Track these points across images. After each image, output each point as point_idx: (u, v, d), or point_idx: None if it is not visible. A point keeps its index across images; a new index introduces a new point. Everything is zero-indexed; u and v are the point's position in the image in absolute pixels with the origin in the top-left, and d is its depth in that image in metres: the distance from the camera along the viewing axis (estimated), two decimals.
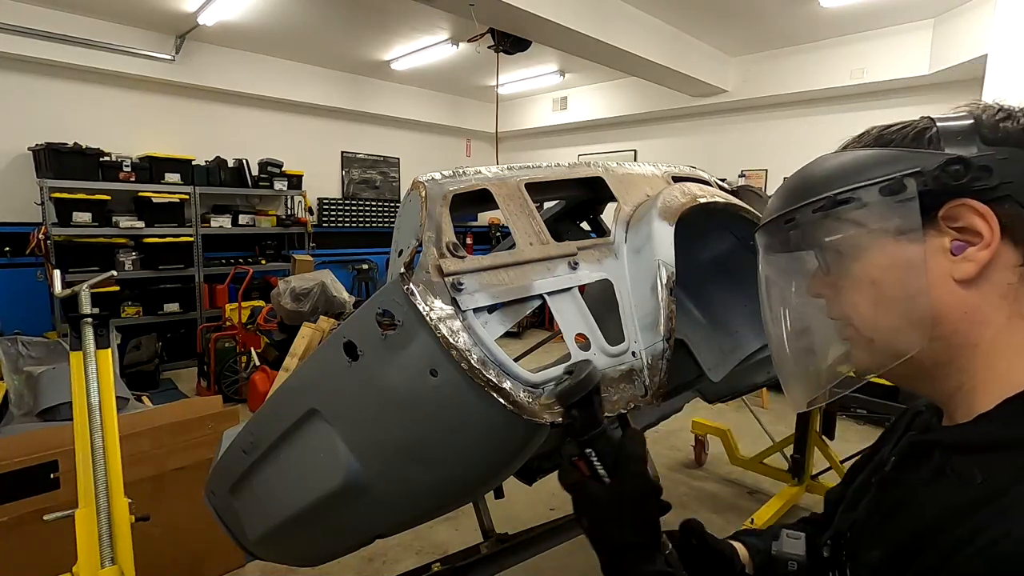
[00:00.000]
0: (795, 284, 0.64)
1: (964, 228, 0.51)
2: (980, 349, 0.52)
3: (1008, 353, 0.52)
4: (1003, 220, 0.50)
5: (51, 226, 5.03)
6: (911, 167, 0.53)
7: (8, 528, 1.98)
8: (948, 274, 0.52)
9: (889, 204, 0.53)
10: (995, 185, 0.49)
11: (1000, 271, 0.51)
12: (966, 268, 0.51)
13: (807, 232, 0.60)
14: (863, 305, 0.56)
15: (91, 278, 1.77)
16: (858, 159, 0.58)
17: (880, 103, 5.67)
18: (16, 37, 4.91)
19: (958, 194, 0.51)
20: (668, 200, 1.20)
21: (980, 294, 0.51)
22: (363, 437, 1.08)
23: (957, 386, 0.54)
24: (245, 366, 4.91)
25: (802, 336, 0.66)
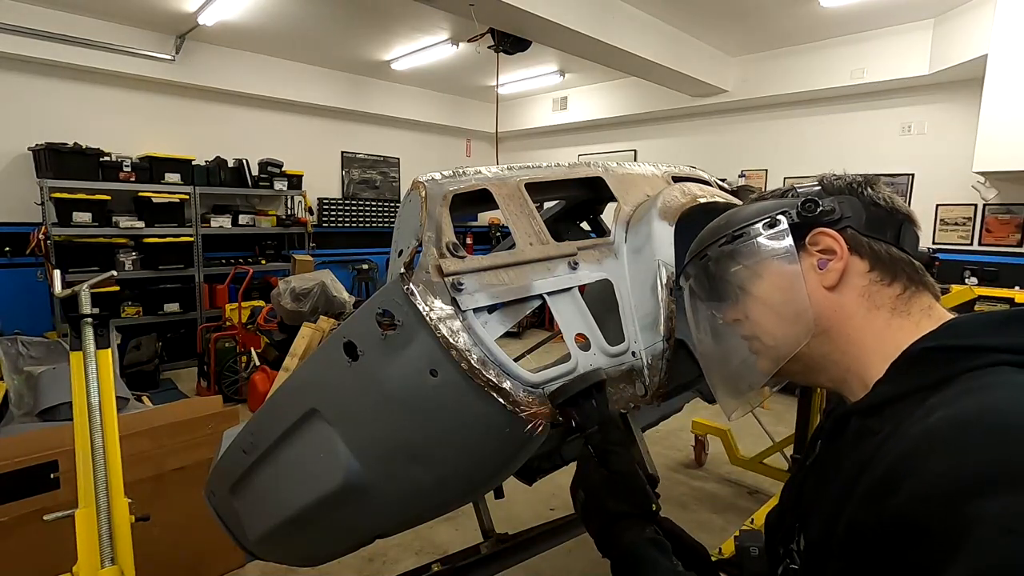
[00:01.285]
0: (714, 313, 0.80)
1: (824, 249, 0.70)
2: (852, 336, 0.69)
3: (872, 335, 0.68)
4: (849, 241, 0.70)
5: (51, 226, 5.02)
6: (782, 208, 0.74)
7: (8, 528, 1.98)
8: (819, 283, 0.70)
9: (770, 236, 0.73)
10: (839, 218, 0.71)
11: (855, 277, 0.69)
12: (830, 277, 0.69)
13: (718, 263, 0.78)
14: (764, 317, 0.73)
15: (91, 278, 1.77)
16: (747, 210, 0.79)
17: (880, 103, 5.67)
18: (16, 37, 4.91)
19: (816, 225, 0.71)
20: (668, 200, 1.20)
21: (844, 296, 0.69)
22: (363, 437, 1.08)
23: (845, 369, 0.70)
24: (245, 366, 4.91)
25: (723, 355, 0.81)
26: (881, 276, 0.69)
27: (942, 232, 5.46)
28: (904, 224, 0.71)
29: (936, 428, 0.51)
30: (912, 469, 0.50)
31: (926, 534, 0.46)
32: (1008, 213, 5.12)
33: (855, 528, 0.55)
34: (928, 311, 0.68)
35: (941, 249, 5.42)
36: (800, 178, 0.85)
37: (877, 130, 5.73)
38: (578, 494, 0.84)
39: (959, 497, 0.44)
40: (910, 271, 0.69)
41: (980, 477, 0.45)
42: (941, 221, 5.46)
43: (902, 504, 0.49)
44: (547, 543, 2.01)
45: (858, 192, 0.73)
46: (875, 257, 0.69)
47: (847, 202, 0.72)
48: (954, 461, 0.47)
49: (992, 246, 5.21)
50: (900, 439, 0.54)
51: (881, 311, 0.68)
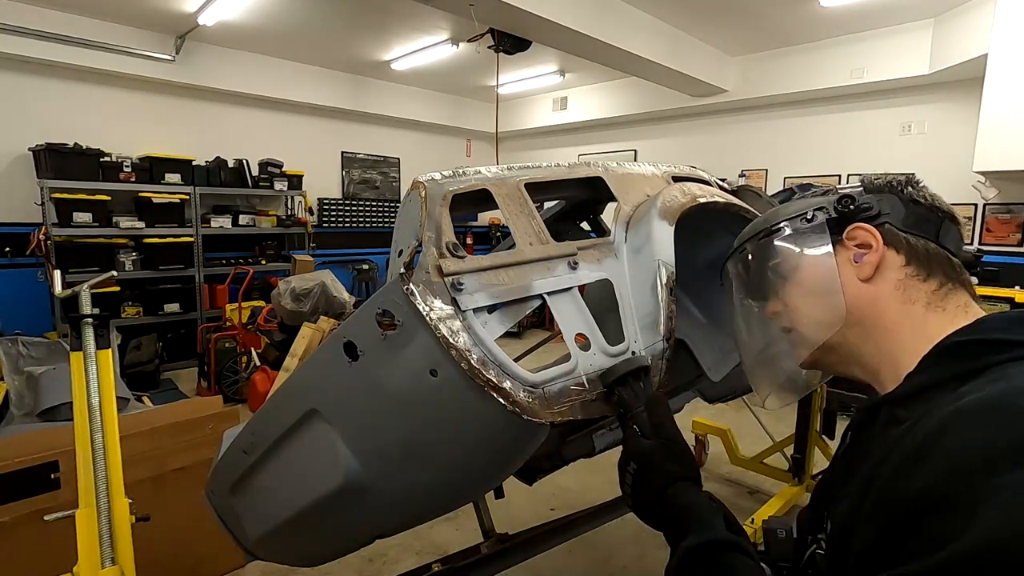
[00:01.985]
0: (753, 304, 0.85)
1: (861, 244, 0.73)
2: (886, 328, 0.71)
3: (907, 328, 0.69)
4: (885, 236, 0.72)
5: (51, 226, 5.03)
6: (820, 205, 0.78)
7: (9, 528, 1.98)
8: (854, 275, 0.73)
9: (807, 230, 0.77)
10: (876, 214, 0.74)
11: (890, 270, 0.71)
12: (865, 269, 0.72)
13: (757, 256, 0.83)
14: (800, 307, 0.77)
15: (91, 278, 1.76)
16: (787, 207, 0.83)
17: (880, 103, 5.68)
18: (16, 37, 4.92)
19: (853, 220, 0.74)
20: (668, 200, 1.20)
21: (879, 288, 0.71)
22: (363, 437, 1.08)
23: (879, 361, 0.72)
24: (245, 366, 4.91)
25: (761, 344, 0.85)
26: (917, 271, 0.70)
27: None
28: (944, 222, 0.73)
29: (964, 409, 0.53)
30: (939, 445, 0.52)
31: (948, 504, 0.48)
32: (1008, 213, 5.12)
33: (882, 503, 0.56)
34: (964, 308, 0.69)
35: None
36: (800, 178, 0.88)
37: (877, 130, 5.73)
38: (628, 467, 0.85)
39: (982, 470, 0.47)
40: (947, 268, 0.70)
41: (1002, 452, 0.47)
42: None
43: (928, 476, 0.51)
44: (547, 543, 2.01)
45: (898, 190, 0.75)
46: (912, 252, 0.71)
47: (886, 199, 0.74)
48: (979, 437, 0.49)
49: (992, 246, 5.21)
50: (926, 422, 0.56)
51: (916, 305, 0.69)
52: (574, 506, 2.78)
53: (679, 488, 0.79)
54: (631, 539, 2.80)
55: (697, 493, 0.78)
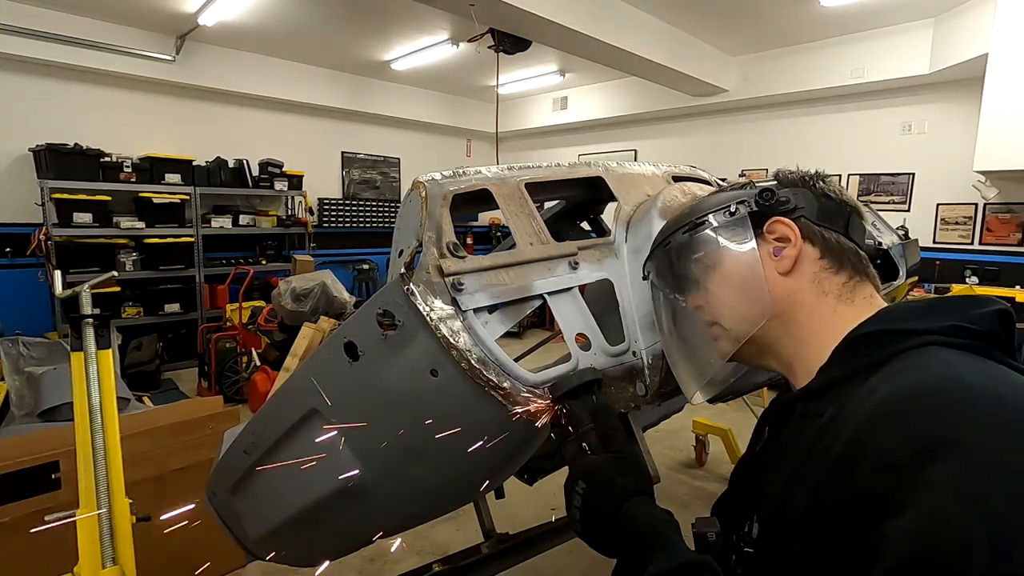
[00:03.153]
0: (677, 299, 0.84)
1: (780, 237, 0.74)
2: (802, 321, 0.73)
3: (820, 320, 0.72)
4: (802, 230, 0.73)
5: (52, 227, 5.03)
6: (741, 199, 0.78)
7: (10, 528, 1.98)
8: (774, 269, 0.73)
9: (729, 223, 0.77)
10: (793, 208, 0.75)
11: (807, 263, 0.73)
12: (785, 263, 0.73)
13: (680, 251, 0.82)
14: (724, 301, 0.77)
15: (92, 279, 1.77)
16: (708, 200, 0.83)
17: (880, 102, 5.67)
18: (16, 38, 4.92)
19: (772, 214, 0.75)
20: (668, 200, 1.20)
21: (797, 281, 0.73)
22: (363, 437, 1.08)
23: (793, 353, 0.74)
24: (246, 366, 4.91)
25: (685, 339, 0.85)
26: (830, 264, 0.73)
27: (943, 231, 5.45)
28: (852, 216, 0.76)
29: (883, 404, 0.55)
30: (867, 445, 0.53)
31: (883, 503, 0.49)
32: (1009, 212, 5.12)
33: (818, 508, 0.57)
34: (870, 300, 0.72)
35: (942, 248, 5.42)
36: None
37: (877, 129, 5.73)
38: (576, 487, 0.78)
39: (911, 466, 0.48)
40: (855, 260, 0.73)
41: (926, 446, 0.49)
42: (942, 220, 5.45)
43: (862, 478, 0.52)
44: (548, 543, 2.01)
45: (810, 184, 0.77)
46: (825, 245, 0.73)
47: (800, 194, 0.76)
48: (902, 434, 0.51)
49: (993, 245, 5.21)
50: (852, 418, 0.57)
51: (828, 297, 0.72)
52: None
53: (634, 505, 0.73)
54: None
55: (655, 509, 0.73)
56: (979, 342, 0.60)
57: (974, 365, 0.57)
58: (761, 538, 0.69)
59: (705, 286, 0.78)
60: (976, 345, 0.59)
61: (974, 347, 0.59)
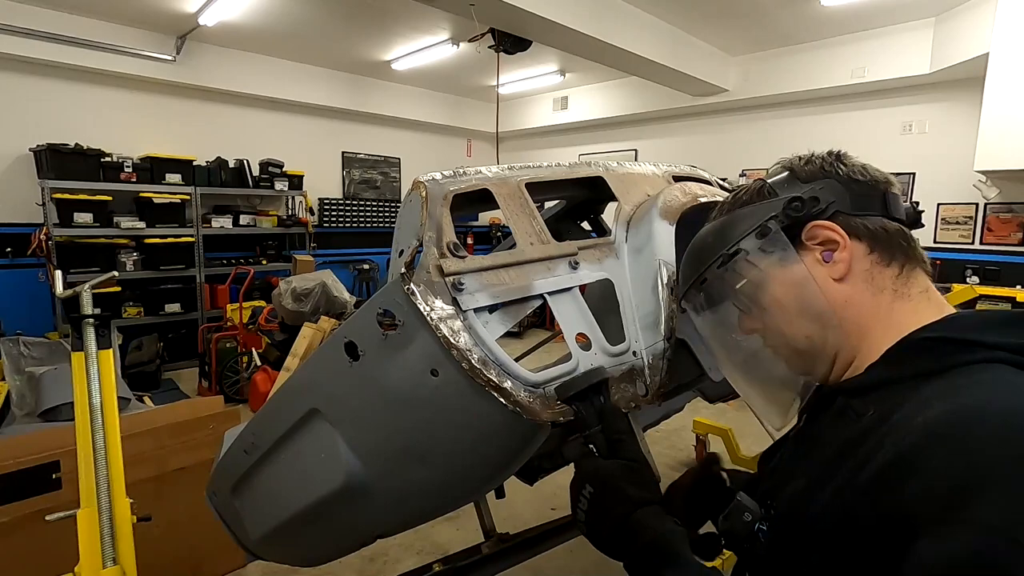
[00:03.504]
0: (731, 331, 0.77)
1: (824, 241, 0.68)
2: (861, 324, 0.67)
3: (878, 320, 0.67)
4: (844, 227, 0.68)
5: (52, 227, 5.03)
6: (769, 213, 0.71)
7: (10, 528, 1.98)
8: (828, 277, 0.68)
9: (765, 244, 0.71)
10: (826, 207, 0.68)
11: (858, 262, 0.67)
12: (839, 268, 0.67)
13: (718, 286, 0.75)
14: (782, 323, 0.71)
15: (92, 279, 1.77)
16: (732, 220, 0.75)
17: (881, 102, 5.67)
18: (17, 38, 4.92)
19: (807, 220, 0.68)
20: (669, 199, 1.20)
21: (852, 284, 0.67)
22: (364, 437, 1.08)
23: (849, 359, 0.68)
24: (246, 366, 4.91)
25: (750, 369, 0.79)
26: (881, 256, 0.68)
27: (943, 231, 5.45)
28: (888, 192, 0.69)
29: (938, 424, 0.51)
30: (915, 464, 0.50)
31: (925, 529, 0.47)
32: (1010, 212, 5.12)
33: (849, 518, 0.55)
34: (926, 294, 0.68)
35: (942, 248, 5.42)
36: None
37: (878, 129, 5.72)
38: (583, 490, 0.75)
39: (958, 498, 0.46)
40: (905, 245, 0.68)
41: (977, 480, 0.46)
42: (942, 220, 5.45)
43: (906, 499, 0.50)
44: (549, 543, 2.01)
45: (833, 172, 0.70)
46: (873, 237, 0.68)
47: (827, 186, 0.69)
48: (954, 461, 0.48)
49: (993, 245, 5.20)
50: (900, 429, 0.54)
51: (884, 294, 0.67)
52: None
53: (644, 515, 0.70)
54: None
55: (664, 520, 0.71)
56: None
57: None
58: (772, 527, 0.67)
59: (757, 313, 0.73)
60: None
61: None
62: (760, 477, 0.80)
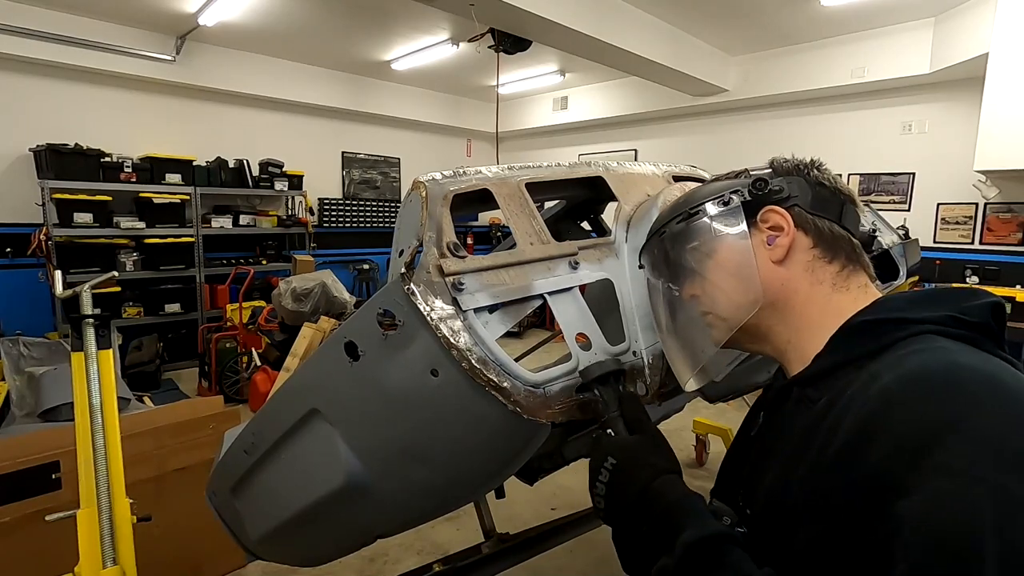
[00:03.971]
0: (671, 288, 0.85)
1: (773, 226, 0.75)
2: (796, 309, 0.73)
3: (815, 308, 0.72)
4: (795, 218, 0.74)
5: (52, 227, 5.03)
6: (734, 187, 0.79)
7: (10, 528, 1.98)
8: (768, 258, 0.74)
9: (723, 213, 0.78)
10: (787, 196, 0.76)
11: (800, 252, 0.74)
12: (778, 252, 0.74)
13: (675, 241, 0.83)
14: (718, 290, 0.77)
15: (92, 279, 1.77)
16: (703, 189, 0.85)
17: (881, 102, 5.67)
18: (17, 38, 4.92)
19: (765, 203, 0.76)
20: (669, 199, 1.19)
21: (790, 270, 0.74)
22: (364, 437, 1.08)
23: (787, 340, 0.75)
24: (246, 366, 4.91)
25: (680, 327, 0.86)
26: (823, 253, 0.74)
27: (943, 231, 5.45)
28: (846, 204, 0.76)
29: (890, 388, 0.56)
30: (876, 429, 0.55)
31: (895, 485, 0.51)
32: (1009, 212, 5.12)
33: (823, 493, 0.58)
34: (864, 288, 0.73)
35: (942, 248, 5.42)
36: None
37: (878, 129, 5.72)
38: (605, 463, 0.76)
39: (920, 449, 0.50)
40: (849, 249, 0.74)
41: (935, 429, 0.51)
42: (942, 220, 5.45)
43: (873, 461, 0.53)
44: (548, 543, 2.01)
45: (804, 173, 0.77)
46: (819, 234, 0.74)
47: (795, 182, 0.76)
48: (911, 417, 0.53)
49: (993, 245, 5.20)
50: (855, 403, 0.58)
51: (823, 286, 0.73)
52: (575, 506, 2.78)
53: (665, 482, 0.72)
54: None
55: (683, 487, 0.73)
56: (973, 333, 0.61)
57: (972, 353, 0.58)
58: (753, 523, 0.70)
59: (699, 274, 0.79)
60: (970, 336, 0.61)
61: (968, 337, 0.61)
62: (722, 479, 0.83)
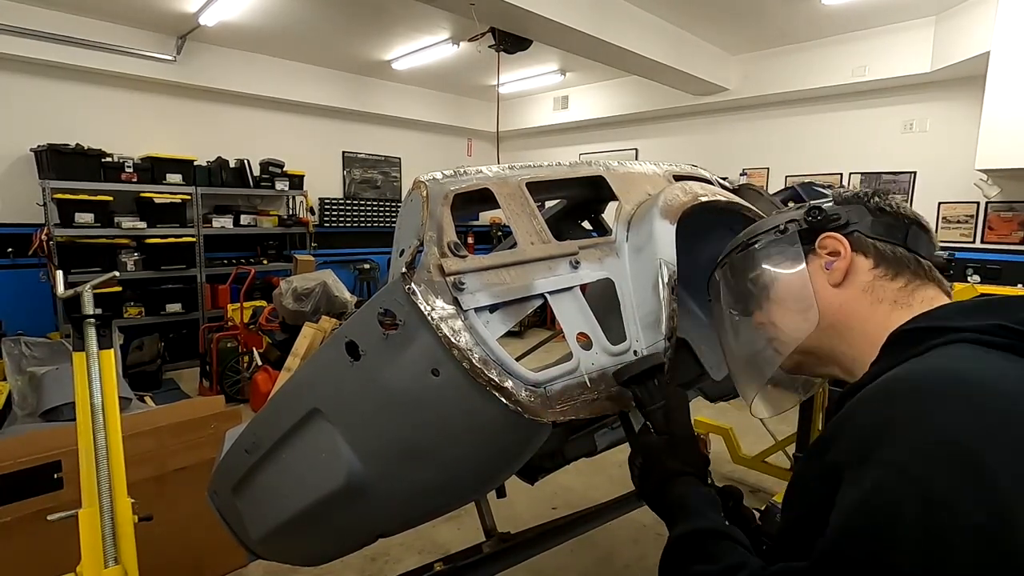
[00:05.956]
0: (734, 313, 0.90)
1: (832, 252, 0.78)
2: (856, 329, 0.75)
3: (875, 326, 0.73)
4: (853, 243, 0.77)
5: (53, 227, 5.03)
6: (792, 217, 0.83)
7: (12, 528, 1.99)
8: (826, 282, 0.77)
9: (781, 241, 0.83)
10: (845, 223, 0.78)
11: (860, 274, 0.76)
12: (836, 275, 0.77)
13: (737, 268, 0.89)
14: (778, 313, 0.81)
15: (93, 279, 1.77)
16: (763, 222, 0.90)
17: (882, 101, 5.66)
18: (17, 38, 4.92)
19: (823, 230, 0.79)
20: (669, 199, 1.20)
21: (849, 292, 0.76)
22: (365, 437, 1.08)
23: (852, 359, 0.76)
24: (247, 366, 4.92)
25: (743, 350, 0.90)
26: (885, 271, 0.74)
27: (944, 230, 5.44)
28: (912, 228, 0.77)
29: (869, 390, 0.60)
30: (845, 425, 0.59)
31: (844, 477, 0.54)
32: (1011, 211, 5.11)
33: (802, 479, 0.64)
34: (930, 302, 0.72)
35: (943, 247, 5.40)
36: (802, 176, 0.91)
37: (879, 128, 5.72)
38: (636, 459, 0.91)
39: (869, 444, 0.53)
40: (915, 267, 0.74)
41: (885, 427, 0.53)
42: (943, 219, 5.44)
43: (835, 454, 0.58)
44: (549, 542, 2.01)
45: (864, 201, 0.79)
46: (879, 255, 0.75)
47: (854, 209, 0.79)
48: (870, 416, 0.56)
49: (995, 244, 5.20)
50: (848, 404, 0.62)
51: (883, 304, 0.74)
52: (576, 505, 2.78)
53: (678, 482, 0.84)
54: (632, 538, 2.80)
55: (692, 486, 0.83)
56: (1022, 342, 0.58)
57: (990, 361, 0.57)
58: None
59: (761, 301, 0.84)
60: (1017, 345, 0.58)
61: (1013, 347, 0.58)
62: None
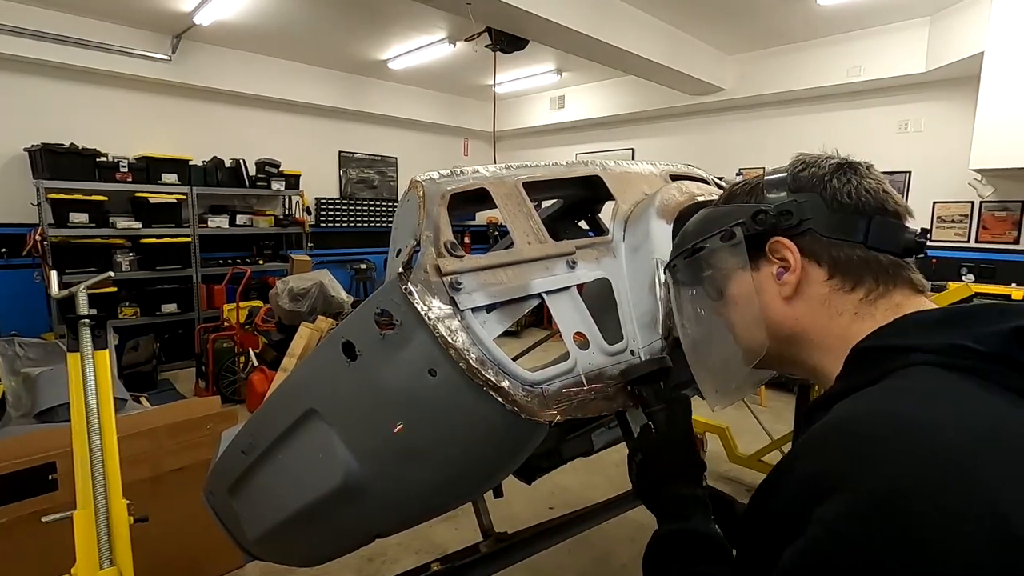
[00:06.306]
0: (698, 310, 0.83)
1: (783, 258, 0.69)
2: (815, 340, 0.69)
3: (835, 339, 0.67)
4: (805, 249, 0.67)
5: (48, 227, 5.01)
6: (739, 219, 0.72)
7: (6, 529, 1.98)
8: (778, 294, 0.70)
9: (728, 248, 0.73)
10: (797, 223, 0.68)
11: (812, 286, 0.68)
12: (785, 289, 0.69)
13: (684, 273, 0.82)
14: (734, 320, 0.75)
15: (88, 279, 1.76)
16: (708, 217, 0.79)
17: (877, 101, 5.68)
18: (11, 37, 4.89)
19: (774, 233, 0.69)
20: (666, 198, 1.20)
21: (804, 306, 0.69)
22: (362, 437, 1.08)
23: (812, 366, 0.71)
24: (243, 366, 4.90)
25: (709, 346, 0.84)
26: (842, 283, 0.66)
27: (939, 229, 5.47)
28: (875, 219, 0.66)
29: (813, 432, 0.56)
30: (792, 468, 0.56)
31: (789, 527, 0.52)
32: (1005, 210, 5.14)
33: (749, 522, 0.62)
34: (896, 309, 0.65)
35: (938, 246, 5.43)
36: None
37: (874, 128, 5.74)
38: (636, 457, 0.92)
39: (810, 498, 0.50)
40: (878, 271, 0.66)
41: (824, 482, 0.50)
42: (938, 218, 5.47)
43: (781, 499, 0.56)
44: (546, 542, 2.02)
45: (820, 189, 0.68)
46: (835, 264, 0.66)
47: (809, 202, 0.68)
48: (810, 466, 0.53)
49: (989, 243, 5.22)
50: None
51: (843, 316, 0.66)
52: (573, 505, 2.78)
53: (668, 485, 0.85)
54: (630, 538, 2.80)
55: (684, 488, 0.84)
56: (986, 364, 0.53)
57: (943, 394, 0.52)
58: None
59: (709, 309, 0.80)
60: (980, 367, 0.53)
61: (976, 369, 0.53)
62: None
